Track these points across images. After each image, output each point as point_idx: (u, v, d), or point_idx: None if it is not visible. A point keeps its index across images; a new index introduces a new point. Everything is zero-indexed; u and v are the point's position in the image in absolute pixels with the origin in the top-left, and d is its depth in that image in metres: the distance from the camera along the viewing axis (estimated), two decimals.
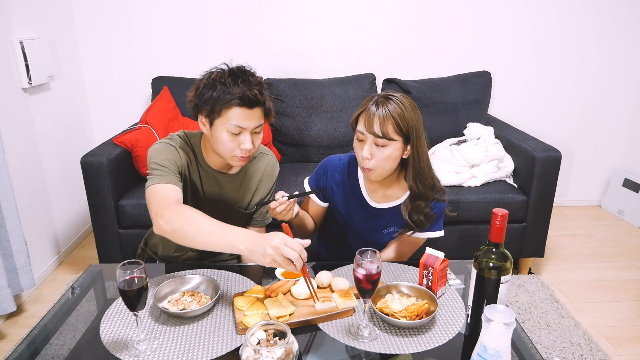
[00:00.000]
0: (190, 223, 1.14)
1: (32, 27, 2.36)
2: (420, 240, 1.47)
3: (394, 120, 1.24)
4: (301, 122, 2.67)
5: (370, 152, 1.27)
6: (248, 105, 1.24)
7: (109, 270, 1.42)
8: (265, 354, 0.92)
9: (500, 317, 0.88)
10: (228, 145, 1.28)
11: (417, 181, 1.33)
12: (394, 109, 1.24)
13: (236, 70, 1.27)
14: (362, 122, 1.28)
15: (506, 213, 0.98)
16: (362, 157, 1.29)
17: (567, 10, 2.94)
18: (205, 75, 1.30)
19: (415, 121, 1.27)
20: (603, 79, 3.10)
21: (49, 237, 2.50)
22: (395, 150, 1.28)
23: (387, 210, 1.43)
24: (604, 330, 2.04)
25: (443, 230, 1.46)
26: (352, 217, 1.48)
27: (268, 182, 1.54)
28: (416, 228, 1.39)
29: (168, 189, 1.27)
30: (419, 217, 1.36)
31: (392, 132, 1.25)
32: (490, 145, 2.43)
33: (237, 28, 2.86)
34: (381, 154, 1.27)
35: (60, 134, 2.62)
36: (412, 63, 2.98)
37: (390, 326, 1.12)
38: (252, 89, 1.24)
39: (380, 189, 1.42)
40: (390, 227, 1.45)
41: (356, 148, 1.33)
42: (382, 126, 1.24)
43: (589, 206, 3.38)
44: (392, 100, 1.26)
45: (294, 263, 1.02)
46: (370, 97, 1.30)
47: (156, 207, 1.22)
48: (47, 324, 1.15)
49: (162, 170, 1.29)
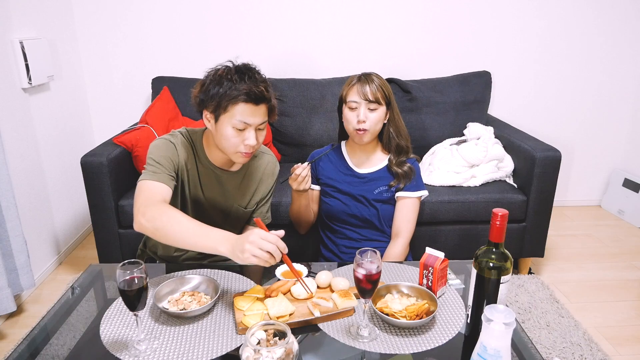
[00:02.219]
0: (172, 222, 1.16)
1: (32, 27, 2.36)
2: (416, 201, 1.66)
3: (381, 89, 1.57)
4: (301, 122, 2.67)
5: (365, 115, 1.54)
6: (254, 101, 1.27)
7: (109, 270, 1.42)
8: (265, 354, 0.92)
9: (500, 317, 0.88)
10: (232, 141, 1.30)
11: (399, 137, 1.65)
12: (378, 81, 1.58)
13: (242, 67, 1.30)
14: (354, 93, 1.56)
15: (506, 213, 0.99)
16: (358, 120, 1.55)
17: (567, 10, 2.94)
18: (211, 72, 1.32)
19: (391, 91, 1.63)
20: (603, 79, 3.10)
21: (49, 237, 2.50)
22: (382, 114, 1.58)
23: (373, 174, 1.67)
24: (604, 330, 2.04)
25: (426, 190, 1.70)
26: (344, 186, 1.68)
27: (269, 181, 1.55)
28: (403, 177, 1.63)
29: (156, 187, 1.28)
30: (404, 168, 1.64)
31: (381, 98, 1.56)
32: (490, 145, 2.43)
33: (237, 28, 2.86)
34: (373, 116, 1.56)
35: (60, 134, 2.62)
36: (412, 63, 2.98)
37: (390, 326, 1.12)
38: (258, 85, 1.27)
39: (363, 156, 1.68)
40: (379, 187, 1.66)
41: (349, 117, 1.58)
42: (374, 94, 1.55)
43: (589, 206, 3.38)
44: (372, 75, 1.59)
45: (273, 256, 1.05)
46: (353, 77, 1.60)
47: (139, 204, 1.24)
48: (47, 324, 1.15)
49: (156, 167, 1.32)
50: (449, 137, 2.68)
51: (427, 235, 2.26)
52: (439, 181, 2.35)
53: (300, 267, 1.35)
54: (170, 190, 1.31)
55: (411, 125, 2.68)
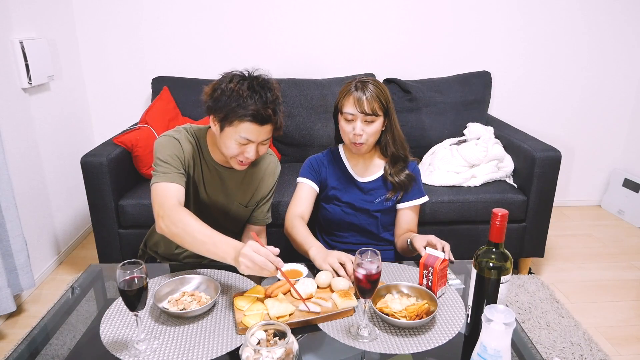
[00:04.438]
0: (186, 232, 1.22)
1: (32, 27, 2.36)
2: (416, 208, 1.64)
3: (378, 99, 1.46)
4: (301, 122, 2.67)
5: (361, 129, 1.46)
6: (260, 122, 1.28)
7: (109, 270, 1.42)
8: (265, 354, 0.92)
9: (500, 317, 0.88)
10: (232, 151, 1.33)
11: (396, 146, 1.56)
12: (375, 90, 1.46)
13: (255, 84, 1.29)
14: (349, 104, 1.46)
15: (506, 213, 0.99)
16: (354, 134, 1.47)
17: (567, 10, 2.94)
18: (224, 79, 1.31)
19: (390, 97, 1.52)
20: (603, 79, 3.10)
21: (49, 237, 2.50)
22: (379, 124, 1.49)
23: (372, 183, 1.61)
24: (604, 330, 2.04)
25: (427, 196, 1.65)
26: (345, 196, 1.63)
27: (270, 181, 1.56)
28: (400, 188, 1.58)
29: (169, 189, 1.31)
30: (401, 177, 1.57)
31: (378, 109, 1.46)
32: (490, 145, 2.43)
33: (237, 28, 2.86)
34: (370, 129, 1.47)
35: (60, 134, 2.62)
36: (412, 63, 2.98)
37: (390, 326, 1.12)
38: (267, 107, 1.27)
39: (362, 163, 1.62)
40: (379, 197, 1.61)
41: (345, 128, 1.50)
42: (370, 105, 1.44)
43: (589, 206, 3.38)
44: (370, 83, 1.47)
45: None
46: (349, 83, 1.49)
47: (157, 208, 1.29)
48: (47, 324, 1.15)
49: (165, 167, 1.34)
50: (449, 137, 2.68)
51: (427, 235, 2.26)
52: (439, 181, 2.35)
53: (301, 267, 1.35)
54: (182, 189, 1.34)
55: (411, 125, 2.68)
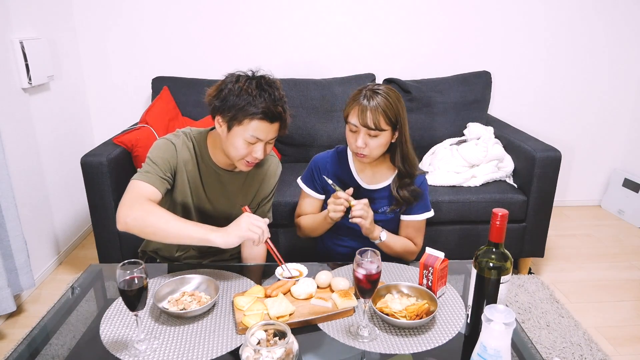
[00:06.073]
0: (160, 221, 1.21)
1: (32, 27, 2.36)
2: (419, 223, 1.57)
3: (384, 113, 1.36)
4: (301, 122, 2.67)
5: (364, 142, 1.39)
6: (269, 120, 1.29)
7: (109, 270, 1.42)
8: (265, 354, 0.92)
9: (500, 317, 0.88)
10: (241, 152, 1.33)
11: (405, 162, 1.48)
12: (383, 102, 1.36)
13: (262, 82, 1.30)
14: (354, 115, 1.39)
15: (506, 213, 0.99)
16: (356, 146, 1.40)
17: (567, 10, 2.94)
18: (230, 79, 1.32)
19: (401, 110, 1.41)
20: (603, 79, 3.10)
21: (49, 237, 2.50)
22: (386, 138, 1.41)
23: (378, 191, 1.55)
24: (604, 330, 2.04)
25: (432, 210, 1.59)
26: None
27: (271, 181, 1.56)
28: (403, 203, 1.51)
29: (144, 188, 1.31)
30: (405, 193, 1.50)
31: (383, 124, 1.37)
32: (490, 145, 2.43)
33: (237, 29, 2.86)
34: (374, 142, 1.40)
35: (60, 134, 2.62)
36: (412, 63, 2.98)
37: (390, 326, 1.12)
38: (277, 105, 1.29)
39: (369, 169, 1.55)
40: (383, 207, 1.55)
41: (349, 138, 1.44)
42: (374, 119, 1.35)
43: (588, 206, 3.38)
44: (380, 93, 1.37)
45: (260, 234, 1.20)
46: (359, 91, 1.41)
47: (124, 203, 1.26)
48: (47, 324, 1.15)
49: (150, 167, 1.34)
50: (449, 137, 2.68)
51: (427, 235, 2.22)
52: (439, 181, 2.35)
53: (301, 267, 1.35)
54: (157, 193, 1.32)
55: (411, 125, 2.64)
